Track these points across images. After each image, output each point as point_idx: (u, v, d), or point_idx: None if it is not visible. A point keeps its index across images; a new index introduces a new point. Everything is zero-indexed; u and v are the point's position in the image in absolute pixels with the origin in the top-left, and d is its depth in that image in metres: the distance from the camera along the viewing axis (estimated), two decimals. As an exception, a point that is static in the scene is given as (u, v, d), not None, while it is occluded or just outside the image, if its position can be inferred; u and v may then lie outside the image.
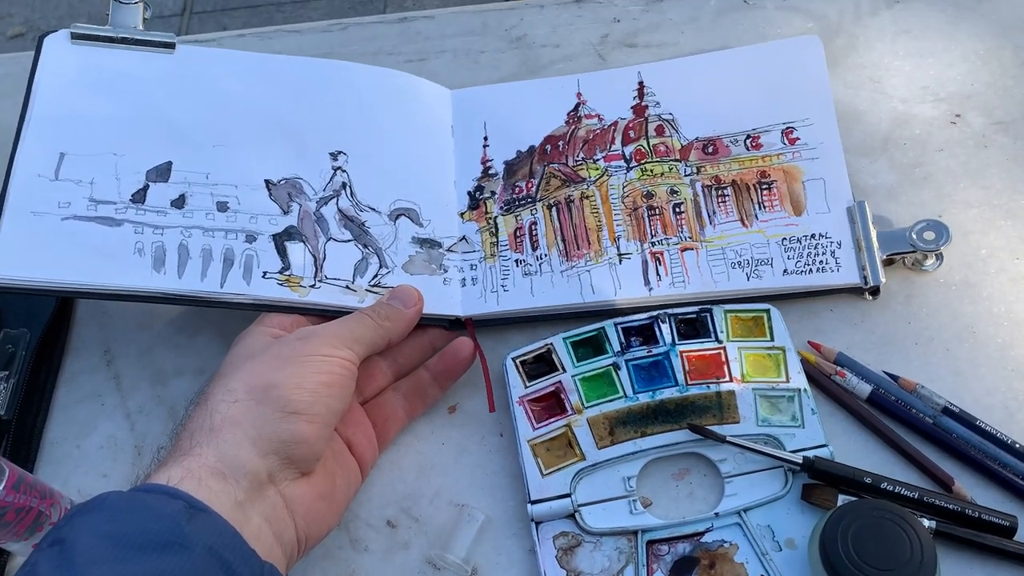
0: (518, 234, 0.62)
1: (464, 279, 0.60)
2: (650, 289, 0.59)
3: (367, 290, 0.58)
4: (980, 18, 0.75)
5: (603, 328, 0.59)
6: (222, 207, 0.58)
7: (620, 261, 0.60)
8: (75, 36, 0.60)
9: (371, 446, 0.55)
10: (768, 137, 0.63)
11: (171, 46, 0.61)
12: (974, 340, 0.60)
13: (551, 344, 0.59)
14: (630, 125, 0.64)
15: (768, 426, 0.55)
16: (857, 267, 0.59)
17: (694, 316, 0.59)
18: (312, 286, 0.57)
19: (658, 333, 0.59)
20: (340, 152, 0.61)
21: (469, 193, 0.63)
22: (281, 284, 0.57)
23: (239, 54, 0.63)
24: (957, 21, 0.75)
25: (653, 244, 0.60)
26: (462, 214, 0.63)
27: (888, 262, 0.60)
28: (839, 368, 0.58)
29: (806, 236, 0.60)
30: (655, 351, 0.58)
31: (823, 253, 0.59)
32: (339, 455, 0.52)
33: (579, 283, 0.59)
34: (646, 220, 0.61)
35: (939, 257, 0.61)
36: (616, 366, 0.58)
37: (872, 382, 0.57)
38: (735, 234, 0.60)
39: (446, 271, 0.60)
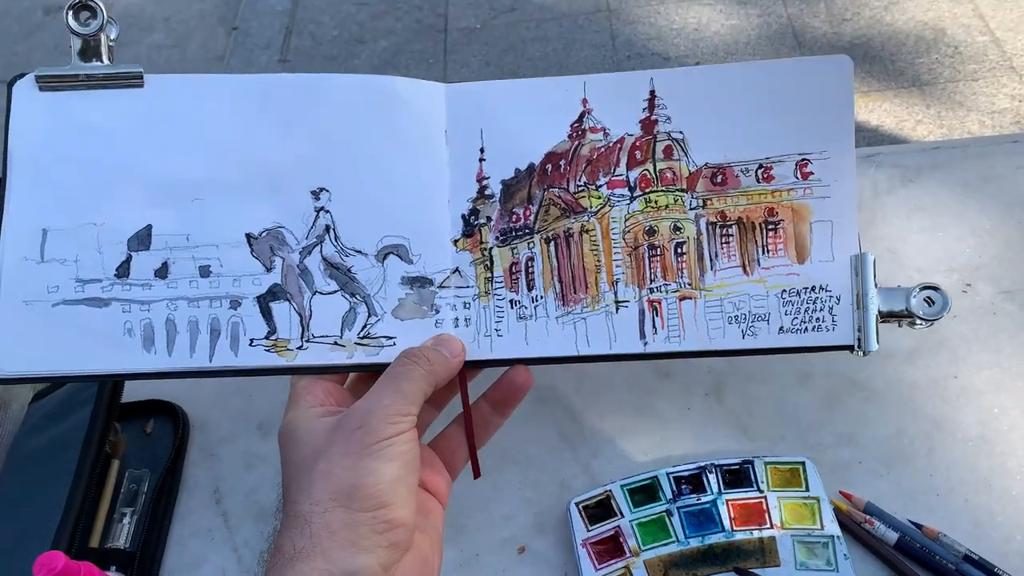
0: (514, 270, 0.59)
1: (457, 318, 0.58)
2: (645, 344, 0.58)
3: (356, 343, 0.57)
4: (986, 197, 0.85)
5: (656, 476, 0.67)
6: (204, 272, 0.57)
7: (617, 309, 0.58)
8: (40, 80, 0.57)
9: (445, 480, 0.56)
10: (781, 168, 0.59)
11: (139, 79, 0.58)
12: (990, 492, 0.67)
13: (610, 491, 0.67)
14: (637, 144, 0.60)
15: (806, 570, 0.62)
16: (853, 327, 0.57)
17: (737, 467, 0.67)
18: (300, 347, 0.57)
19: (706, 482, 0.67)
20: (322, 189, 0.59)
21: (463, 217, 0.60)
22: (268, 350, 0.57)
23: (208, 78, 0.60)
24: (965, 199, 0.85)
25: (652, 291, 0.58)
26: (455, 241, 0.59)
27: (883, 319, 0.58)
28: (868, 516, 0.65)
29: (806, 288, 0.58)
30: (704, 499, 0.66)
31: (820, 309, 0.58)
32: (424, 505, 0.53)
33: (574, 332, 0.58)
34: (646, 261, 0.59)
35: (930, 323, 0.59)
36: (669, 512, 0.66)
37: (898, 530, 0.64)
38: (735, 283, 0.58)
39: (438, 311, 0.58)
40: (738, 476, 0.67)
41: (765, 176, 0.59)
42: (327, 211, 0.59)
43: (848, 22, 1.99)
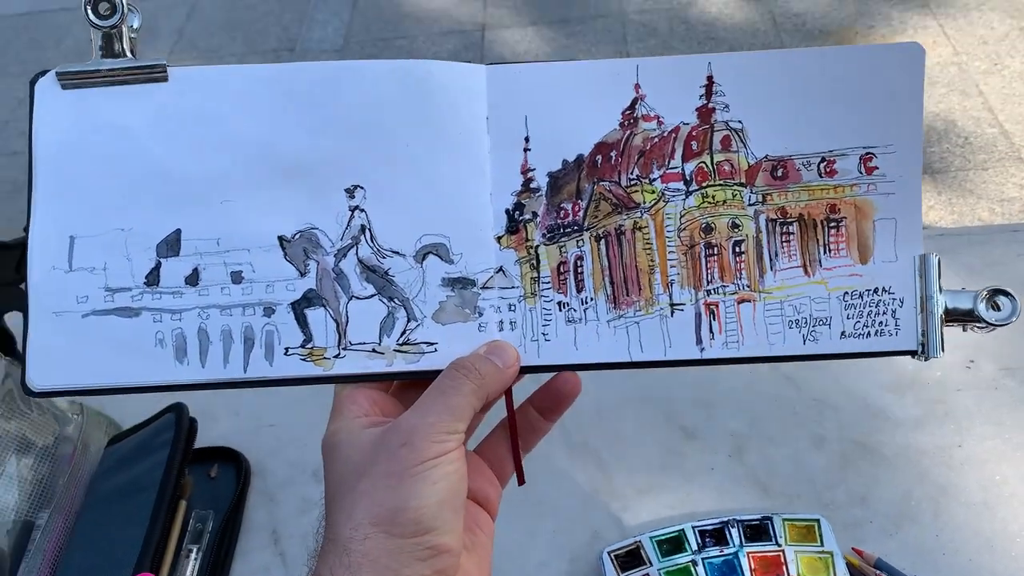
0: (562, 270, 0.57)
1: (501, 321, 0.56)
2: (702, 349, 0.56)
3: (395, 350, 0.55)
4: (986, 280, 0.91)
5: (683, 529, 0.73)
6: (236, 278, 0.55)
7: (672, 313, 0.56)
8: (61, 77, 0.57)
9: (494, 487, 0.54)
10: (844, 163, 0.57)
11: (162, 72, 0.56)
12: (993, 553, 0.72)
13: (640, 541, 0.73)
14: (693, 134, 0.57)
15: (821, 619, 0.68)
16: (917, 332, 0.57)
17: (758, 523, 0.73)
18: (337, 356, 0.55)
19: (728, 536, 0.72)
20: (357, 187, 0.56)
21: (507, 212, 0.57)
22: (304, 359, 0.55)
23: (234, 69, 0.59)
24: (968, 281, 0.92)
25: (709, 293, 0.56)
26: (499, 238, 0.57)
27: (948, 321, 0.56)
28: (879, 572, 0.70)
29: (868, 291, 0.56)
30: (726, 551, 0.72)
31: (884, 313, 0.56)
32: (472, 517, 0.51)
33: (627, 337, 0.57)
34: (703, 261, 0.57)
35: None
36: (694, 563, 0.71)
37: (907, 585, 0.70)
38: (796, 285, 0.56)
39: (481, 315, 0.56)
40: (758, 531, 0.73)
41: (828, 170, 0.56)
42: (362, 210, 0.56)
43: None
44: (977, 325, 0.54)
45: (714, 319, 0.55)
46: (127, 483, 0.81)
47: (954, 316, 0.54)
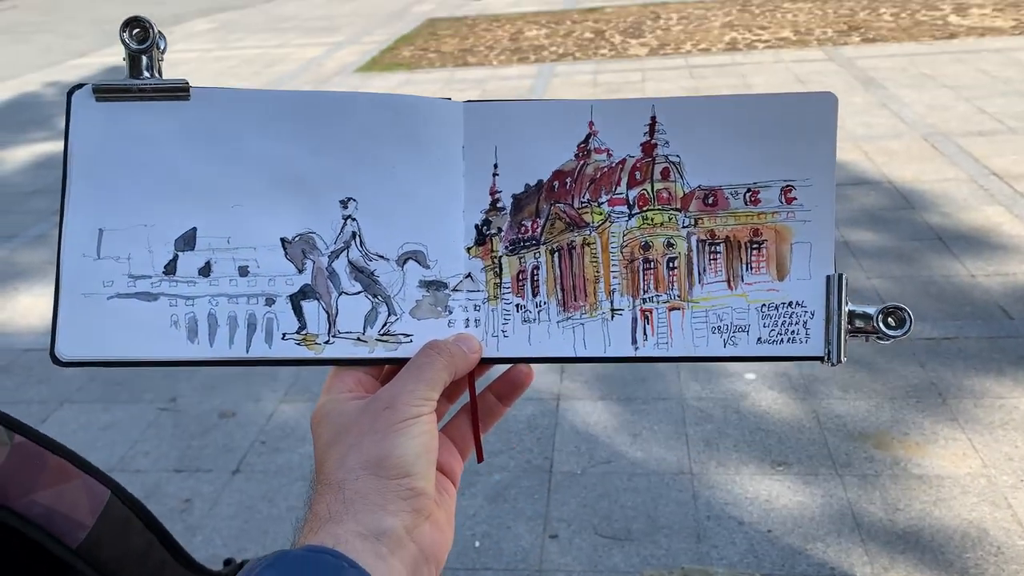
0: (520, 277, 0.63)
1: (468, 319, 0.62)
2: (636, 348, 0.62)
3: (377, 339, 0.61)
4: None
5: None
6: (243, 271, 0.61)
7: (612, 317, 0.62)
8: (96, 91, 0.61)
9: (457, 461, 0.62)
10: (767, 193, 0.62)
11: (185, 91, 0.61)
12: None
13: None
14: (637, 165, 0.63)
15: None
16: (824, 340, 0.61)
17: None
18: (327, 342, 0.61)
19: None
20: (350, 199, 0.62)
21: (476, 226, 0.63)
22: (299, 344, 0.61)
23: (248, 92, 0.63)
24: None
25: (644, 301, 0.62)
26: (468, 249, 0.63)
27: (852, 334, 0.62)
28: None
29: (784, 304, 0.62)
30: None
31: (796, 323, 0.62)
32: (439, 483, 0.58)
33: (573, 336, 0.62)
34: (640, 274, 0.63)
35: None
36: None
37: None
38: (720, 296, 0.62)
39: (451, 312, 0.62)
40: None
41: (753, 199, 0.62)
42: (354, 219, 0.62)
43: (901, 511, 2.15)
44: (877, 337, 0.61)
45: (648, 323, 0.63)
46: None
47: (858, 329, 0.61)
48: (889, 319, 0.60)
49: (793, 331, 0.62)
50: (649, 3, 10.49)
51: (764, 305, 0.62)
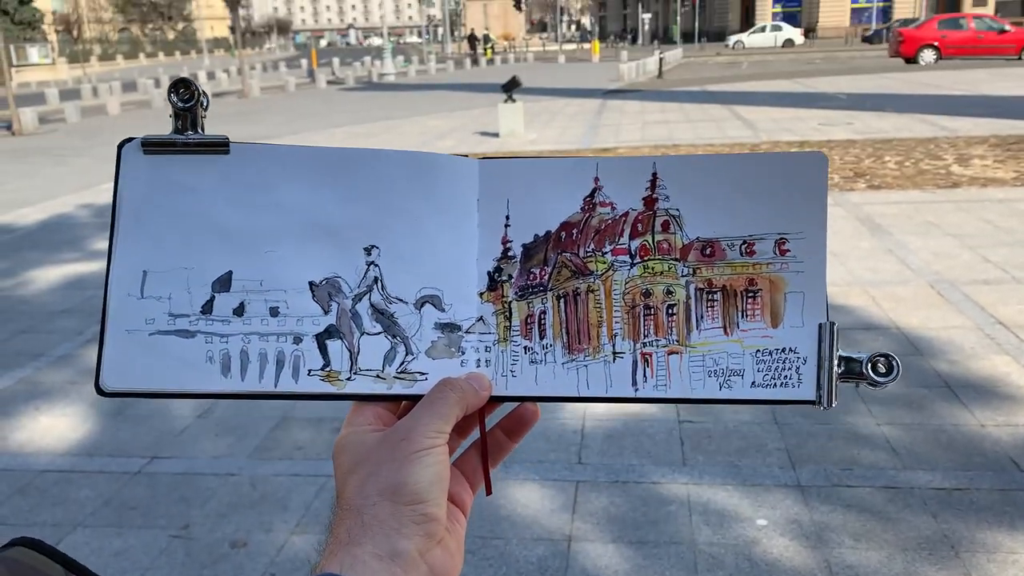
0: (528, 321, 0.66)
1: (479, 360, 0.66)
2: (636, 390, 0.65)
3: (395, 377, 0.65)
4: None
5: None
6: (274, 312, 0.65)
7: (614, 359, 0.65)
8: (145, 144, 0.66)
9: (468, 494, 0.65)
10: (762, 245, 0.65)
11: (225, 146, 0.66)
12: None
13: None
14: (639, 217, 0.66)
15: None
16: (815, 385, 0.64)
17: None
18: (348, 379, 0.64)
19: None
20: (373, 246, 0.66)
21: (489, 273, 0.67)
22: (323, 380, 0.64)
23: (282, 148, 0.67)
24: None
25: (644, 345, 0.65)
26: (481, 294, 0.66)
27: (843, 379, 0.64)
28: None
29: (777, 350, 0.64)
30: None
31: (789, 368, 0.64)
32: (450, 512, 0.61)
33: (577, 376, 0.65)
34: (641, 319, 0.66)
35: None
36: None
37: None
38: (717, 342, 0.65)
39: (463, 353, 0.66)
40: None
41: (748, 251, 0.65)
42: (376, 265, 0.66)
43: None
44: (867, 383, 0.63)
45: (647, 366, 0.65)
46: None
47: (848, 375, 0.63)
48: (878, 365, 0.63)
49: (786, 376, 0.64)
50: (660, 145, 10.91)
51: (759, 351, 0.65)
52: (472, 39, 46.90)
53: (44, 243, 7.15)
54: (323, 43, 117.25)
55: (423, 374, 0.65)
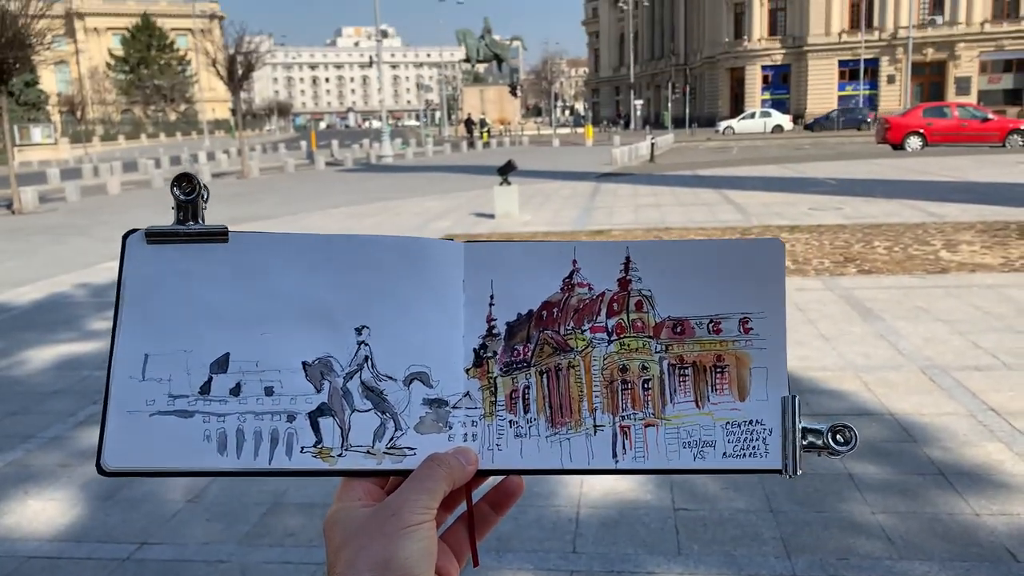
0: (513, 396, 0.69)
1: (466, 434, 0.68)
2: (616, 461, 0.68)
3: (384, 452, 0.67)
4: None
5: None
6: (269, 391, 0.67)
7: (595, 432, 0.68)
8: (148, 235, 0.69)
9: (454, 567, 0.67)
10: (727, 324, 0.69)
11: (224, 235, 0.69)
12: None
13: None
14: (615, 298, 0.70)
15: None
16: (782, 455, 0.67)
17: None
18: (340, 455, 0.66)
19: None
20: (364, 327, 0.68)
21: (475, 350, 0.70)
22: (315, 456, 0.66)
23: (278, 236, 0.70)
24: None
25: (623, 418, 0.68)
26: (467, 370, 0.69)
27: (806, 449, 0.67)
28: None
29: (745, 422, 0.68)
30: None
31: (757, 439, 0.67)
32: None
33: (560, 449, 0.68)
34: (619, 394, 0.69)
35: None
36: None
37: None
38: (689, 414, 0.68)
39: (451, 428, 0.68)
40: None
41: (715, 329, 0.69)
42: (367, 344, 0.68)
43: None
44: (828, 452, 0.67)
45: (627, 438, 0.69)
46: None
47: (811, 444, 0.67)
48: (838, 436, 0.67)
49: (754, 446, 0.67)
50: (652, 228, 11.07)
51: (728, 423, 0.68)
52: (469, 123, 47.89)
53: (40, 323, 7.14)
54: (323, 125, 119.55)
55: (412, 449, 0.67)
